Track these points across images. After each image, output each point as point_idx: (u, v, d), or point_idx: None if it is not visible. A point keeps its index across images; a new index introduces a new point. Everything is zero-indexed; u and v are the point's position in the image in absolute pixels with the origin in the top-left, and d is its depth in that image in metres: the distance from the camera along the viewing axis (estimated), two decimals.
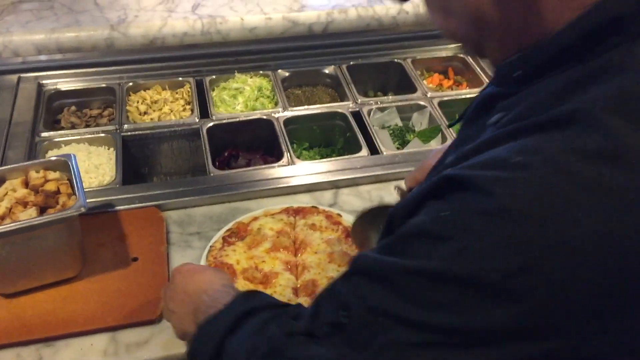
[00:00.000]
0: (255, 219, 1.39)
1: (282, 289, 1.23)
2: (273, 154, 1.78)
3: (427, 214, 0.62)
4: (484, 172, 0.59)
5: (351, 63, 2.05)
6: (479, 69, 2.04)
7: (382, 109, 1.87)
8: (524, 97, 0.67)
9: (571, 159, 0.55)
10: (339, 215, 1.41)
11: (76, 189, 1.19)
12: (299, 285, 1.25)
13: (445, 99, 1.90)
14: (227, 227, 1.37)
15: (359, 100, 1.88)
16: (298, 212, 1.42)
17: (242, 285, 1.23)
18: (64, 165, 1.26)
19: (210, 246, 1.32)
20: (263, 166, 1.63)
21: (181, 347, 1.14)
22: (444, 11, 0.72)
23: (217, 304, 0.86)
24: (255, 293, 0.88)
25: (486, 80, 1.98)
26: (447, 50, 2.14)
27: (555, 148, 0.56)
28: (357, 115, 1.82)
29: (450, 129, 1.75)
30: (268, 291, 1.22)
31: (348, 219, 1.38)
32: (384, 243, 0.66)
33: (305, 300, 1.20)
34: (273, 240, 1.33)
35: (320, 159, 1.81)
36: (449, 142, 1.71)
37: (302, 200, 1.50)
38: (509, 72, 0.70)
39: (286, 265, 1.28)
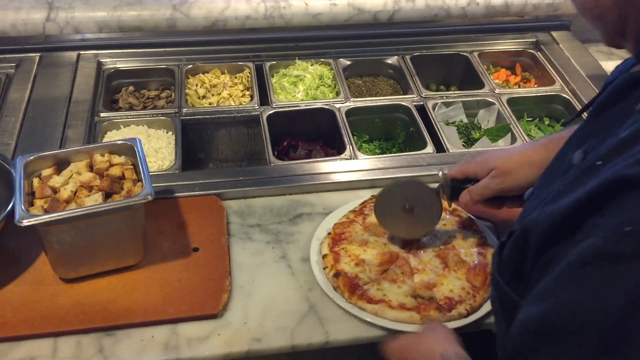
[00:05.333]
0: None
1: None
2: (333, 146, 1.72)
3: (597, 235, 0.52)
4: None
5: (415, 54, 1.97)
6: (549, 66, 1.94)
7: (447, 104, 1.79)
8: None
9: None
10: (471, 219, 1.34)
11: (142, 175, 1.15)
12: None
13: (515, 96, 1.81)
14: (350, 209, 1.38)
15: (424, 93, 1.80)
16: None
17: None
18: (129, 150, 1.22)
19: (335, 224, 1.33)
20: (325, 159, 1.57)
21: (243, 346, 1.10)
22: None
23: None
24: None
25: (557, 79, 1.88)
26: (516, 44, 2.04)
27: None
28: (421, 110, 1.75)
29: (518, 125, 1.67)
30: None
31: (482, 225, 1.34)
32: (540, 290, 0.58)
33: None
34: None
35: (381, 152, 1.75)
36: (520, 141, 1.63)
37: (365, 197, 1.44)
38: None
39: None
